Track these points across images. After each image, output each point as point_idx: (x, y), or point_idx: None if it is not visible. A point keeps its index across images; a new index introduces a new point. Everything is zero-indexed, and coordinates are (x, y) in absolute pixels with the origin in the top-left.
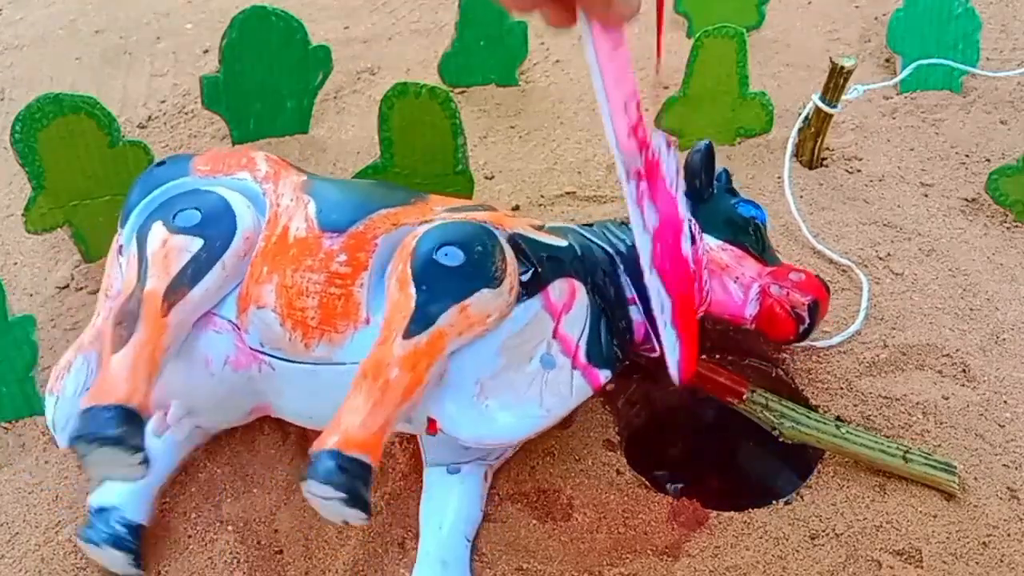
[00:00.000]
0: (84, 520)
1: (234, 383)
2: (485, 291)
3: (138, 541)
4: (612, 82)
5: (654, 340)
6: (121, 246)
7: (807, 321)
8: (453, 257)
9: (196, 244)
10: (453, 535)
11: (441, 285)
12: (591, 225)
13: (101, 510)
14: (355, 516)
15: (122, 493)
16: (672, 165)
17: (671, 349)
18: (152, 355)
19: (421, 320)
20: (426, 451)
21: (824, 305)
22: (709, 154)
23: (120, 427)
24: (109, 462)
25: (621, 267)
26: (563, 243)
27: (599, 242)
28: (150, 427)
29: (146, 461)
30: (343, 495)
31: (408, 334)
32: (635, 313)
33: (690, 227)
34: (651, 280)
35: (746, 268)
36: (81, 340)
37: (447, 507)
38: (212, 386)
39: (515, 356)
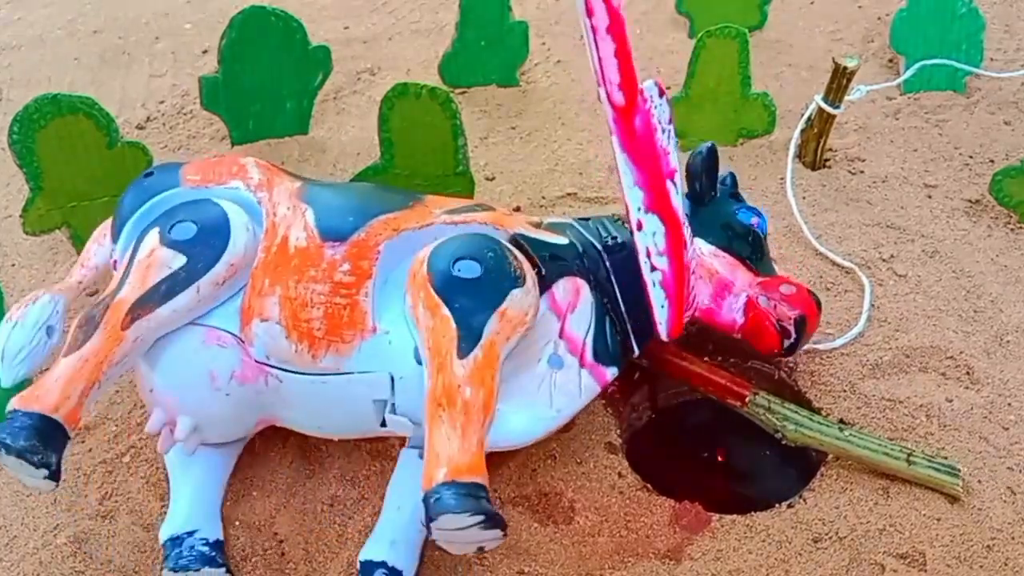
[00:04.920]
0: (160, 557)
1: (241, 397)
2: (515, 292)
3: (224, 556)
4: (602, 28)
5: (630, 333)
6: (115, 261)
7: (792, 336)
8: (470, 269)
9: (179, 261)
10: (410, 518)
11: (471, 297)
12: (588, 219)
13: (175, 539)
14: (493, 537)
15: (193, 516)
16: (665, 114)
17: (659, 307)
18: (97, 367)
19: (469, 336)
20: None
21: (813, 321)
22: (711, 157)
23: (31, 440)
24: (18, 470)
25: (608, 264)
26: (564, 241)
27: (590, 237)
28: (159, 446)
29: (52, 477)
30: (480, 518)
31: (463, 353)
32: None
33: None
34: (642, 235)
35: (736, 277)
36: (52, 286)
37: (411, 490)
38: (219, 401)
39: (523, 358)
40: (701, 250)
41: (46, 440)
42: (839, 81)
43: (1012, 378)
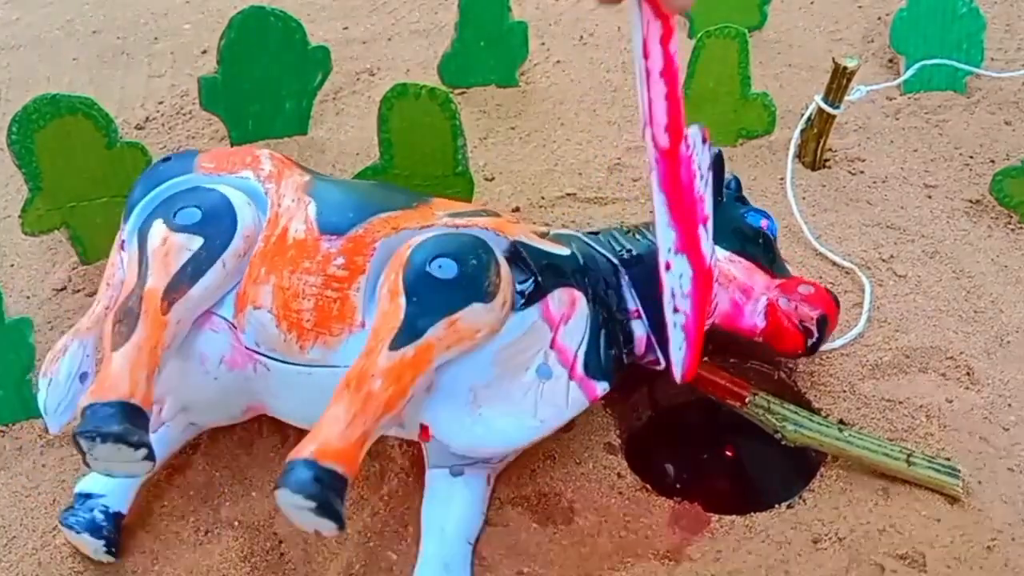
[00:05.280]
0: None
1: (229, 382)
2: (476, 305)
3: (115, 529)
4: (656, 72)
5: (656, 348)
6: (123, 241)
7: (815, 335)
8: (447, 269)
9: (196, 242)
10: (455, 538)
11: (432, 297)
12: (597, 233)
13: (85, 496)
14: (326, 526)
15: (107, 482)
16: (705, 161)
17: (677, 349)
18: (152, 352)
19: (409, 332)
20: (429, 453)
21: (833, 320)
22: (718, 162)
23: (123, 423)
24: (113, 458)
25: (625, 278)
26: (565, 252)
27: (603, 251)
28: None
29: (151, 456)
30: (313, 505)
31: (395, 345)
32: (638, 327)
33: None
34: (669, 275)
35: (755, 281)
36: (78, 326)
37: (450, 510)
38: (207, 384)
39: (511, 365)
40: (717, 256)
41: (135, 422)
42: (839, 81)
43: (1012, 379)
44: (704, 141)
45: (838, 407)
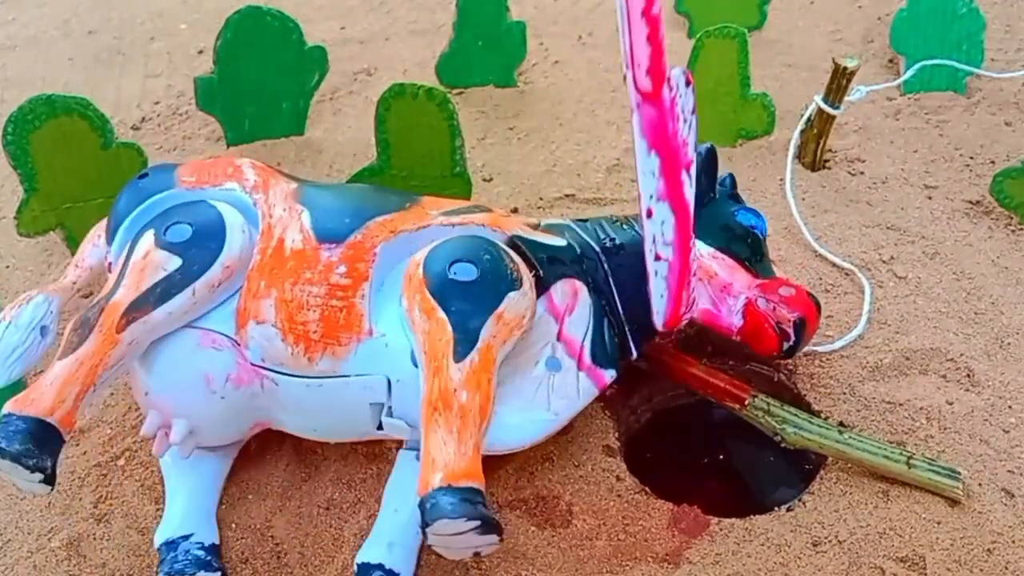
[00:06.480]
0: (155, 561)
1: (236, 400)
2: (512, 294)
3: (219, 560)
4: (637, 11)
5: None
6: (110, 263)
7: (792, 338)
8: (467, 272)
9: (174, 263)
10: (408, 520)
11: (469, 301)
12: (586, 220)
13: (171, 543)
14: (489, 542)
15: (188, 520)
16: (688, 104)
17: (659, 295)
18: (92, 370)
19: (465, 340)
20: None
21: (812, 323)
22: (711, 158)
23: (24, 444)
24: (12, 474)
25: (605, 266)
26: (562, 243)
27: (589, 239)
28: (154, 449)
29: (48, 482)
30: (476, 523)
31: (459, 356)
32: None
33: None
34: (651, 222)
35: (735, 279)
36: (46, 286)
37: (408, 493)
38: (214, 404)
39: (520, 360)
40: (700, 252)
41: (41, 444)
42: (839, 81)
43: (1013, 380)
44: (688, 84)
45: (838, 409)
